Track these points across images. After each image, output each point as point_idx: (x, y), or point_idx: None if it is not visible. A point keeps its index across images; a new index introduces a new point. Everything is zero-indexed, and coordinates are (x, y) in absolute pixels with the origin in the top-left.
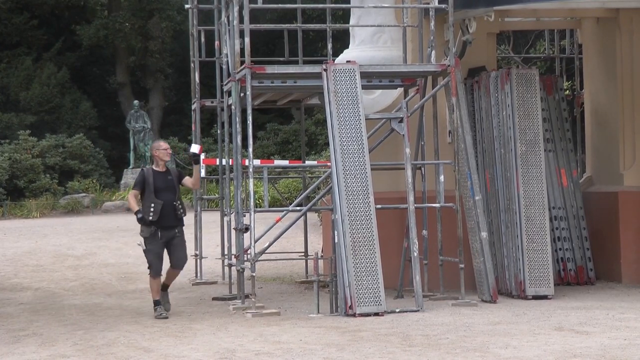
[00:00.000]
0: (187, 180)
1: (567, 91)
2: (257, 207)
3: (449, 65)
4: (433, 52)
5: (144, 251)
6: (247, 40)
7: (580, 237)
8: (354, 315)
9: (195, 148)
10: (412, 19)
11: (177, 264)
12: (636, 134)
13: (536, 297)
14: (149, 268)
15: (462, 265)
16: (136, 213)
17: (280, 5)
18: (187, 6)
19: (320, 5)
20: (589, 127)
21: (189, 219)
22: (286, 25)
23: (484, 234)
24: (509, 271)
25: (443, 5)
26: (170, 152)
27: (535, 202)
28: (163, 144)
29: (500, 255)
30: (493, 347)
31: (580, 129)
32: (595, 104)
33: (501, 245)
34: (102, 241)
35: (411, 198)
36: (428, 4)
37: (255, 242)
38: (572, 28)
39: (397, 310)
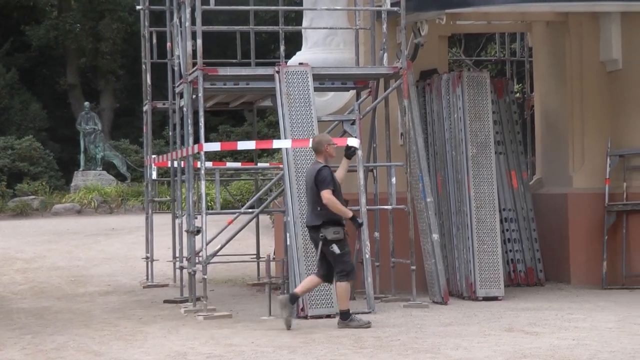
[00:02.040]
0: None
1: (518, 94)
2: (208, 210)
3: (401, 68)
4: (385, 54)
5: (338, 255)
6: (199, 41)
7: (530, 239)
8: (305, 317)
9: (355, 142)
10: (364, 22)
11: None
12: (585, 137)
13: (487, 299)
14: (346, 273)
15: (413, 267)
16: (354, 218)
17: (232, 7)
18: (138, 7)
19: (273, 7)
20: (539, 130)
21: (140, 221)
22: (239, 27)
23: (436, 236)
24: (460, 273)
25: (395, 8)
26: None
27: (486, 204)
28: (332, 139)
29: (452, 257)
30: (444, 348)
31: (530, 131)
32: (545, 106)
33: (452, 247)
34: (52, 244)
35: (363, 200)
36: (380, 6)
37: (207, 244)
38: (523, 31)
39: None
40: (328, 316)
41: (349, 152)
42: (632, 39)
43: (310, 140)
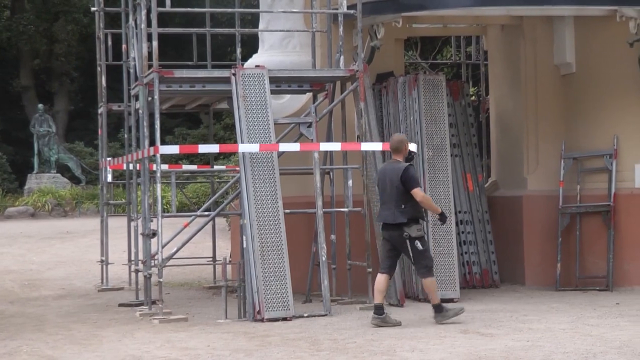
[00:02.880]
0: None
1: (473, 97)
2: (164, 212)
3: (357, 71)
4: (342, 57)
5: (422, 251)
6: (155, 44)
7: (486, 241)
8: (262, 320)
9: (414, 147)
10: (321, 24)
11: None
12: (539, 139)
13: (443, 301)
14: (429, 268)
15: (369, 270)
16: (442, 213)
17: (189, 9)
18: (93, 9)
19: (230, 10)
20: (494, 133)
21: (94, 224)
22: (195, 29)
23: None
24: (416, 275)
25: (352, 11)
26: None
27: (442, 207)
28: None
29: (408, 259)
30: (400, 351)
31: (485, 134)
32: (500, 109)
33: None
34: (5, 247)
35: (319, 203)
36: (337, 9)
37: (163, 247)
38: (478, 35)
39: (306, 314)
40: (284, 319)
41: (409, 156)
42: (585, 42)
43: (390, 139)
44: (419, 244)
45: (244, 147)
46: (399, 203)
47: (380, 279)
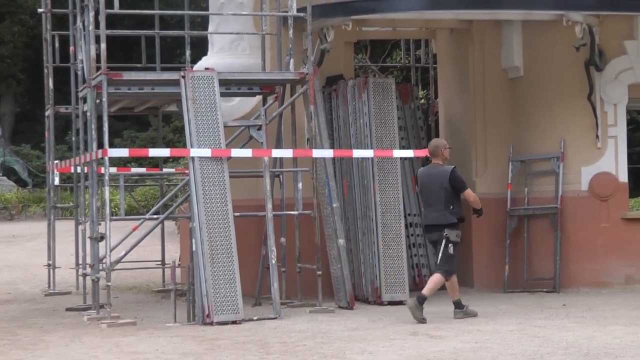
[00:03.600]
0: None
1: (422, 100)
2: (113, 216)
3: (307, 74)
4: (291, 60)
5: (451, 256)
6: (103, 46)
7: None
8: (211, 323)
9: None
10: (270, 27)
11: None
12: (488, 142)
13: (392, 303)
14: (449, 272)
15: (319, 272)
16: (481, 209)
17: (137, 11)
18: (40, 10)
19: (179, 12)
20: (442, 136)
21: (41, 228)
22: (144, 31)
23: (342, 241)
24: (366, 277)
25: (301, 14)
26: None
27: (391, 209)
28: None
29: (357, 262)
30: (350, 353)
31: (434, 137)
32: (449, 112)
33: (358, 252)
34: None
35: (269, 205)
36: (286, 12)
37: (111, 251)
38: (427, 38)
39: (255, 318)
40: (234, 322)
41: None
42: (532, 46)
43: (428, 144)
44: (451, 248)
45: (195, 152)
46: (447, 204)
47: (452, 278)
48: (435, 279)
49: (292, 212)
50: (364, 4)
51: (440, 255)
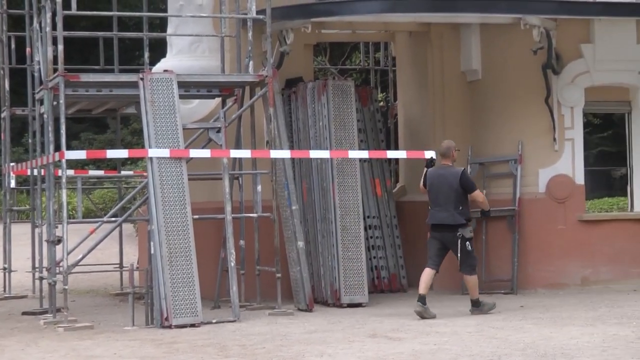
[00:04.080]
0: None
1: (382, 102)
2: (70, 218)
3: (266, 76)
4: (251, 62)
5: (470, 251)
6: (60, 47)
7: (394, 246)
8: (169, 326)
9: (432, 153)
10: (230, 29)
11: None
12: None
13: (351, 305)
14: (474, 267)
15: (279, 275)
16: (490, 210)
17: (95, 12)
18: None
19: (137, 13)
20: (402, 138)
21: None
22: (102, 32)
23: (301, 244)
24: (325, 280)
25: (261, 16)
26: None
27: (350, 212)
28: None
29: (317, 264)
30: (309, 356)
31: (394, 139)
32: (408, 115)
33: (317, 255)
34: None
35: (228, 208)
36: (246, 14)
37: (68, 254)
38: (387, 41)
39: (214, 320)
40: (192, 325)
41: (430, 163)
42: (491, 49)
43: (440, 145)
44: (469, 245)
45: (153, 152)
46: (457, 205)
47: (429, 273)
48: (469, 280)
49: (251, 215)
50: (323, 6)
51: (459, 255)
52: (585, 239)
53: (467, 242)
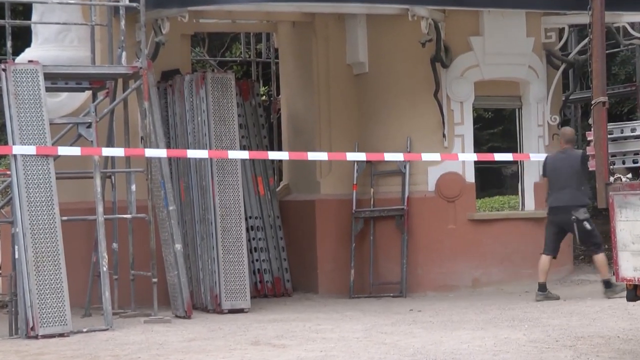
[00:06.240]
0: None
1: (264, 96)
2: None
3: (140, 68)
4: (124, 53)
5: (591, 230)
6: None
7: (278, 248)
8: (36, 337)
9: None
10: (101, 17)
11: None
12: (333, 141)
13: (232, 311)
14: (599, 245)
15: (155, 280)
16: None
17: None
18: None
19: None
20: (285, 134)
21: None
22: None
23: (178, 246)
24: (205, 284)
25: (134, 4)
26: None
27: (231, 212)
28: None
29: (196, 268)
30: None
31: (277, 135)
32: (292, 110)
33: (196, 258)
34: None
35: (100, 209)
36: (118, 2)
37: None
38: (269, 31)
39: (85, 329)
40: (61, 335)
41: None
42: (378, 41)
43: (563, 133)
44: (587, 224)
45: (18, 149)
46: (579, 186)
47: (545, 260)
48: (597, 259)
49: (125, 216)
50: None
51: (578, 237)
52: (476, 239)
53: (585, 222)
